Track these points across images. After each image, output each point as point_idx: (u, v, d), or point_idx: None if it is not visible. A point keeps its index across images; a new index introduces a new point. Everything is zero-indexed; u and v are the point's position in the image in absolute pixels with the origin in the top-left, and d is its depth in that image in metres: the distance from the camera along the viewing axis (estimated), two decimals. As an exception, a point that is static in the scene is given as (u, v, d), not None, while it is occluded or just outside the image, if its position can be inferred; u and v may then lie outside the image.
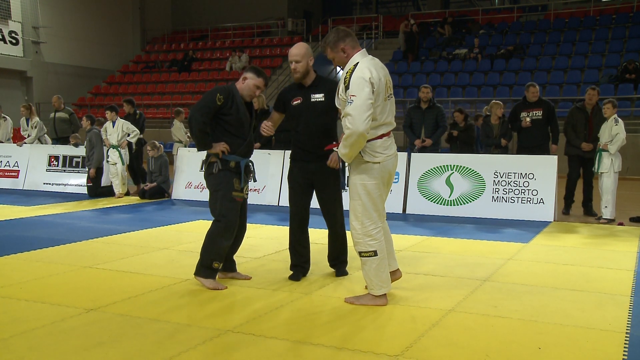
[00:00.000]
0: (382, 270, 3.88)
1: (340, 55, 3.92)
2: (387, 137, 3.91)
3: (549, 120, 8.25)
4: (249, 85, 4.44)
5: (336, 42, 3.90)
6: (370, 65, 3.79)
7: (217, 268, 4.39)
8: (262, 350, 3.16)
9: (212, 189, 4.45)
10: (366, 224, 3.85)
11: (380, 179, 3.88)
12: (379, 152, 3.85)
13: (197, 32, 25.47)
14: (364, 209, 3.86)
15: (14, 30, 20.73)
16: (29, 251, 5.58)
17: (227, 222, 4.36)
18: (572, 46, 17.68)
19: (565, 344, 3.28)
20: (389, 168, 3.92)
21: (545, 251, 5.83)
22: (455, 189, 8.21)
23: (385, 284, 3.91)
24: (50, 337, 3.33)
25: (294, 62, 4.47)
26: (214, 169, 4.40)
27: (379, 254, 3.86)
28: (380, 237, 3.88)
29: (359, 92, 3.68)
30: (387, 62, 19.51)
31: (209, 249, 4.35)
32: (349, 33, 3.92)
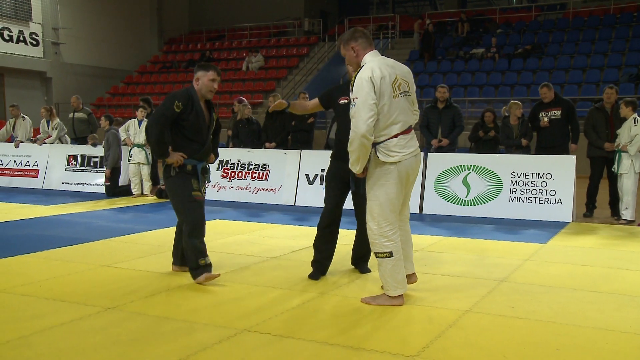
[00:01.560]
0: (398, 271, 3.87)
1: (350, 54, 3.93)
2: (404, 135, 3.84)
3: (568, 119, 8.15)
4: (203, 82, 4.54)
5: (348, 40, 3.93)
6: (376, 64, 3.78)
7: (205, 264, 4.51)
8: (278, 350, 3.16)
9: (171, 191, 4.58)
10: (382, 225, 3.83)
11: (399, 179, 3.84)
12: (396, 151, 3.80)
13: (214, 33, 25.59)
14: (381, 209, 3.84)
15: (34, 31, 21.01)
16: (48, 250, 5.65)
17: (193, 221, 4.49)
18: (592, 45, 17.48)
19: (583, 346, 3.24)
20: (407, 167, 3.86)
21: (563, 252, 5.77)
22: (472, 189, 8.16)
23: (401, 284, 3.90)
24: (69, 335, 3.37)
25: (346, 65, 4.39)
26: (171, 172, 4.52)
27: (395, 255, 3.85)
28: (396, 239, 3.87)
29: (359, 93, 3.70)
30: (404, 61, 19.44)
31: (189, 252, 4.51)
32: (364, 34, 3.93)
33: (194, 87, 4.57)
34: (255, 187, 9.47)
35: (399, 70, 3.89)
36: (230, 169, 9.71)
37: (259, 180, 9.48)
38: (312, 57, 21.58)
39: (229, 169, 9.72)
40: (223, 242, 6.14)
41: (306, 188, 9.10)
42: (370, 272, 4.82)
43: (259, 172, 9.49)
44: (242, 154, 9.67)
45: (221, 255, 5.48)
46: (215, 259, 5.31)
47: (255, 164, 9.53)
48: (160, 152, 4.46)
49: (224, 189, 9.64)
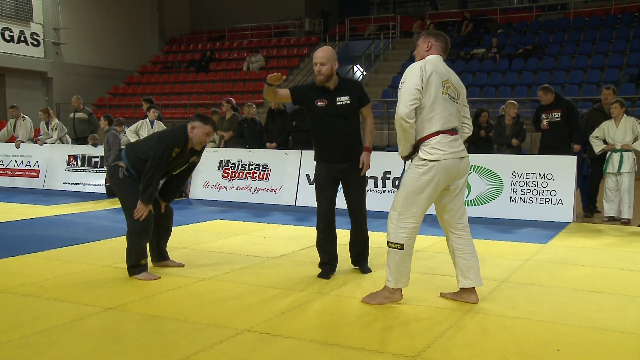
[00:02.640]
0: (404, 265, 3.87)
1: (423, 47, 3.95)
2: (447, 134, 3.78)
3: (569, 120, 8.12)
4: (198, 134, 4.65)
5: (430, 35, 3.96)
6: (433, 61, 3.83)
7: (145, 264, 4.64)
8: (279, 350, 3.17)
9: (120, 191, 4.68)
10: (403, 216, 3.80)
11: (436, 179, 3.75)
12: (437, 148, 3.74)
13: (215, 33, 25.59)
14: (405, 201, 3.80)
15: (35, 32, 21.01)
16: (49, 250, 5.65)
17: (143, 222, 4.56)
18: (592, 45, 17.47)
19: (584, 346, 3.24)
20: (449, 168, 3.77)
21: (564, 252, 5.77)
22: (472, 190, 8.16)
23: (403, 279, 3.90)
24: (69, 335, 3.37)
25: (319, 64, 4.51)
26: (119, 174, 4.63)
27: (405, 249, 3.83)
28: (413, 234, 3.84)
29: (407, 78, 3.76)
30: (405, 61, 19.45)
31: (132, 251, 4.61)
32: (446, 41, 3.98)
33: (187, 132, 4.65)
34: (255, 187, 9.47)
35: (453, 76, 3.93)
36: (231, 169, 9.72)
37: (260, 180, 9.48)
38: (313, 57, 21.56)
39: (230, 169, 9.73)
40: (223, 242, 6.15)
41: (307, 188, 9.10)
42: (370, 272, 4.85)
43: (259, 172, 9.49)
44: (243, 154, 9.67)
45: (221, 255, 5.48)
46: (215, 258, 5.33)
47: (256, 164, 9.53)
48: (150, 197, 4.53)
49: (224, 189, 9.64)
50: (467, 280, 4.00)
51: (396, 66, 19.53)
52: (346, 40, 22.14)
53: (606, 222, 7.57)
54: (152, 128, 9.80)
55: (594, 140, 7.65)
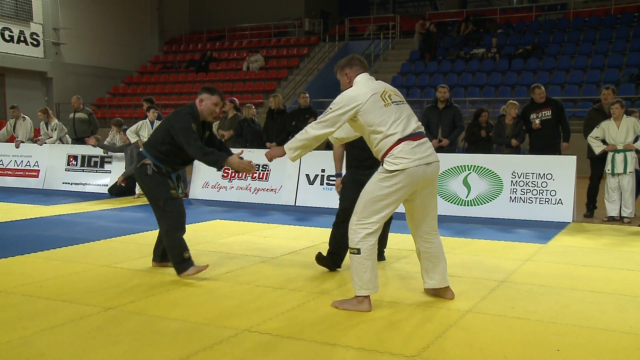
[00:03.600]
0: (364, 271, 3.80)
1: (344, 80, 4.05)
2: (410, 141, 3.76)
3: (558, 119, 8.18)
4: (207, 105, 4.64)
5: (344, 67, 4.05)
6: (364, 83, 3.91)
7: (189, 257, 4.61)
8: (278, 350, 3.17)
9: (149, 189, 4.66)
10: (361, 221, 3.81)
11: (401, 188, 3.75)
12: (401, 157, 3.72)
13: (215, 33, 25.59)
14: (365, 207, 3.81)
15: (35, 32, 21.01)
16: (49, 250, 5.65)
17: (172, 215, 4.57)
18: (592, 45, 17.47)
19: (584, 346, 3.24)
20: (415, 176, 3.74)
21: (564, 252, 5.77)
22: (472, 190, 8.16)
23: (365, 285, 3.82)
24: (69, 335, 3.37)
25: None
26: (148, 171, 4.61)
27: (362, 254, 3.78)
28: (371, 240, 3.79)
29: (336, 105, 3.82)
30: (405, 61, 19.46)
31: (174, 247, 4.58)
32: (360, 61, 4.04)
33: (196, 106, 4.65)
34: (255, 187, 9.47)
35: (386, 85, 3.98)
36: (231, 169, 9.71)
37: (260, 180, 9.48)
38: (313, 57, 21.57)
39: (229, 169, 9.72)
40: (223, 242, 6.14)
41: (306, 188, 9.10)
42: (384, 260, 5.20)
43: (259, 172, 9.49)
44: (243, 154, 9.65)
45: (221, 255, 5.48)
46: (215, 258, 5.33)
47: (256, 164, 9.50)
48: (214, 160, 4.53)
49: (224, 189, 9.64)
50: (433, 281, 4.08)
51: (396, 66, 19.54)
52: (346, 41, 22.14)
53: (606, 222, 7.57)
54: (152, 128, 9.80)
55: (593, 140, 7.65)
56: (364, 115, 3.78)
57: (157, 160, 4.62)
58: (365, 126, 3.81)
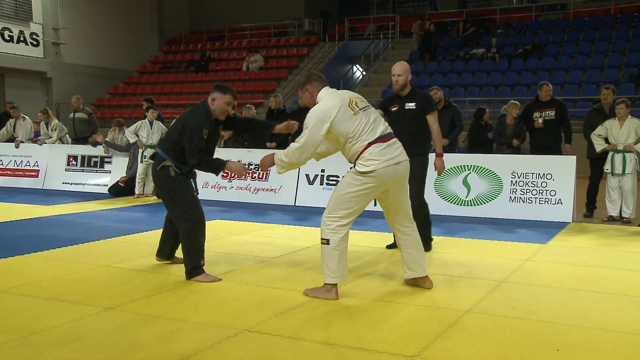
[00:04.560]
0: (332, 260, 4.03)
1: (306, 96, 4.27)
2: (379, 143, 4.03)
3: (561, 120, 8.17)
4: (219, 104, 4.64)
5: (304, 84, 4.28)
6: (329, 97, 4.11)
7: (204, 264, 4.62)
8: (279, 350, 3.17)
9: (173, 191, 4.62)
10: (331, 215, 4.04)
11: (371, 189, 4.02)
12: (371, 159, 3.98)
13: (215, 33, 25.59)
14: (336, 202, 4.05)
15: (35, 32, 21.00)
16: (48, 250, 5.65)
17: (199, 219, 4.59)
18: (592, 45, 17.47)
19: (584, 346, 3.24)
20: (385, 177, 4.01)
21: (563, 252, 5.77)
22: (472, 190, 8.16)
23: (333, 274, 4.05)
24: (69, 335, 3.37)
25: (396, 75, 5.55)
26: (171, 173, 4.59)
27: (331, 244, 4.02)
28: (341, 231, 4.02)
29: (310, 124, 4.03)
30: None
31: (192, 251, 4.56)
32: (318, 77, 4.28)
33: (208, 105, 4.64)
34: (255, 187, 9.47)
35: (350, 93, 4.22)
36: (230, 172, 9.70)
37: (259, 180, 9.48)
38: (313, 57, 21.58)
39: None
40: (223, 242, 6.14)
41: (306, 188, 9.10)
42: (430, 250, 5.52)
43: (259, 172, 9.49)
44: (242, 154, 9.66)
45: (221, 255, 5.48)
46: (215, 258, 5.33)
47: (256, 164, 9.52)
48: (215, 166, 4.63)
49: (224, 189, 9.64)
50: (412, 271, 4.32)
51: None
52: (345, 40, 22.14)
53: (606, 221, 7.57)
54: (152, 128, 9.81)
55: (596, 138, 7.64)
56: (337, 127, 4.01)
57: (177, 161, 4.59)
58: (339, 137, 4.06)
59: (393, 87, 5.64)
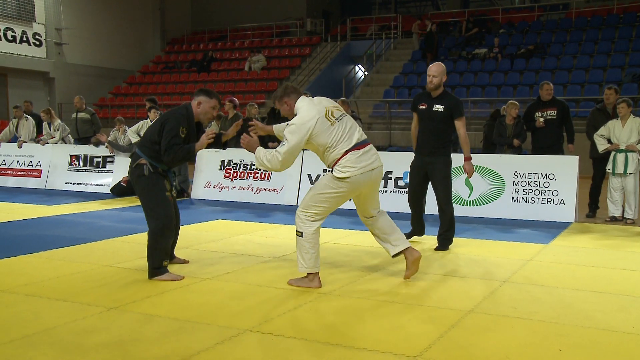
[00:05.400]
0: (306, 252, 4.31)
1: (285, 108, 4.48)
2: (355, 150, 4.28)
3: (563, 120, 8.17)
4: (205, 108, 4.68)
5: (282, 97, 4.47)
6: (307, 108, 4.32)
7: (166, 265, 4.65)
8: (281, 350, 3.17)
9: (144, 190, 4.62)
10: (304, 211, 4.32)
11: (346, 193, 4.31)
12: (348, 166, 4.25)
13: (217, 33, 25.61)
14: (310, 200, 4.33)
15: (37, 32, 21.05)
16: (51, 250, 5.66)
17: (166, 221, 4.57)
18: (595, 45, 17.45)
19: (586, 347, 3.24)
20: (359, 183, 4.29)
21: (566, 252, 5.77)
22: (474, 190, 8.15)
23: (307, 264, 4.32)
24: (71, 335, 3.38)
25: (432, 76, 5.63)
26: (144, 171, 4.57)
27: (305, 237, 4.30)
28: (312, 225, 4.31)
29: (292, 137, 4.24)
30: (406, 61, 19.45)
31: (156, 251, 4.56)
32: (294, 89, 4.51)
33: (191, 108, 4.67)
34: (257, 187, 9.48)
35: (326, 102, 4.44)
36: (233, 169, 9.72)
37: (261, 180, 9.49)
38: (315, 57, 21.58)
39: (231, 169, 9.73)
40: (225, 242, 6.15)
41: (308, 188, 9.08)
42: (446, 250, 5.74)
43: (261, 172, 9.50)
44: (244, 154, 9.67)
45: (223, 255, 5.49)
46: (217, 258, 5.34)
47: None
48: (190, 156, 4.61)
49: (226, 189, 9.65)
50: (398, 246, 4.58)
51: (398, 66, 19.53)
52: (348, 40, 22.14)
53: (608, 222, 7.56)
54: None
55: (599, 138, 7.62)
56: (315, 138, 4.26)
57: (153, 160, 4.58)
58: (317, 145, 4.30)
59: (427, 86, 5.74)
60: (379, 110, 17.52)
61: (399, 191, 8.53)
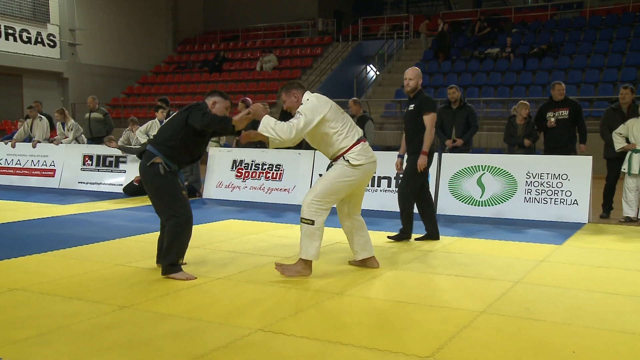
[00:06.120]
0: (315, 239, 4.50)
1: (292, 99, 4.66)
2: (363, 143, 4.63)
3: (575, 119, 8.11)
4: (220, 109, 4.70)
5: (290, 89, 4.69)
6: (316, 96, 4.60)
7: (182, 263, 4.68)
8: (292, 350, 3.17)
9: (161, 189, 4.60)
10: (317, 200, 4.50)
11: (356, 180, 4.58)
12: (362, 154, 4.57)
13: (229, 33, 25.69)
14: (324, 189, 4.52)
15: (52, 33, 21.25)
16: (65, 249, 5.71)
17: (187, 218, 4.59)
18: (609, 44, 17.29)
19: (600, 349, 3.21)
20: (367, 171, 4.62)
21: (579, 253, 5.72)
22: (486, 190, 8.12)
23: (313, 251, 4.52)
24: (85, 333, 3.40)
25: (407, 79, 5.96)
26: (160, 170, 4.55)
27: (315, 225, 4.49)
28: (323, 215, 4.52)
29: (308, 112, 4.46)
30: (418, 61, 19.39)
31: (175, 249, 4.57)
32: (301, 85, 4.75)
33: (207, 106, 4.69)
34: (269, 187, 9.49)
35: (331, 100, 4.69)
36: (244, 169, 9.75)
37: (273, 180, 9.50)
38: (326, 57, 21.58)
39: (243, 169, 9.76)
40: (237, 242, 6.17)
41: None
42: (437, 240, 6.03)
43: (272, 172, 9.51)
44: (256, 154, 9.70)
45: (235, 255, 5.50)
46: (229, 258, 5.35)
47: (269, 164, 9.55)
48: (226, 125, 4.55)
49: (237, 189, 9.67)
50: (365, 252, 4.89)
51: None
52: (359, 40, 22.12)
53: (623, 223, 7.49)
54: None
55: (617, 136, 7.54)
56: (328, 123, 4.51)
57: (167, 158, 4.57)
58: (329, 130, 4.52)
59: (404, 89, 6.10)
60: (390, 110, 17.49)
61: (411, 191, 8.50)
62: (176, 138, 4.57)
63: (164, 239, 4.64)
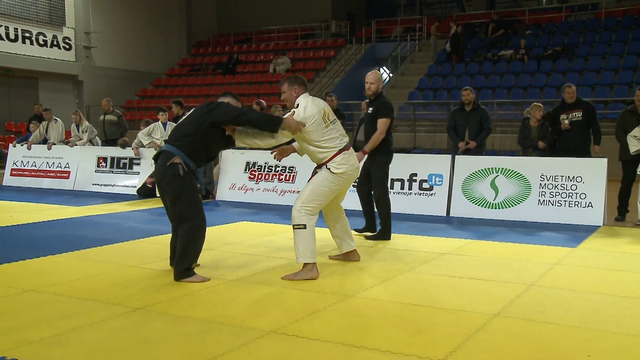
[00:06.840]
0: (310, 242, 4.67)
1: (291, 93, 4.85)
2: (345, 152, 4.83)
3: (589, 121, 8.04)
4: None
5: (293, 83, 4.87)
6: (309, 104, 4.74)
7: (195, 267, 4.70)
8: (306, 352, 3.17)
9: (180, 191, 4.53)
10: (305, 206, 4.68)
11: (337, 187, 4.82)
12: (343, 163, 4.79)
13: (242, 35, 25.77)
14: (310, 195, 4.72)
15: (67, 36, 21.47)
16: (79, 250, 5.75)
17: (202, 221, 4.61)
18: (625, 45, 17.13)
19: (616, 352, 3.18)
20: (348, 178, 4.87)
21: (594, 256, 5.67)
22: (500, 192, 8.07)
23: (311, 254, 4.66)
24: (99, 334, 3.43)
25: (369, 83, 6.18)
26: (180, 171, 4.49)
27: (307, 229, 4.67)
28: (313, 218, 4.72)
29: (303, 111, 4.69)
30: (431, 63, 19.33)
31: (190, 253, 4.57)
32: (304, 82, 4.93)
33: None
34: (282, 189, 9.51)
35: (322, 104, 4.87)
36: (257, 171, 9.77)
37: (286, 182, 9.51)
38: (339, 59, 21.58)
39: (256, 171, 9.78)
40: (250, 244, 6.18)
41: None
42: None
43: (285, 174, 9.53)
44: (269, 156, 9.66)
45: (248, 257, 5.52)
46: (242, 260, 5.36)
47: (282, 166, 9.56)
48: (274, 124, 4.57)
49: (250, 191, 9.70)
50: (352, 243, 5.25)
51: (423, 68, 19.42)
52: (372, 42, 22.10)
53: (638, 225, 7.41)
54: (165, 130, 9.92)
55: (632, 139, 7.47)
56: (309, 133, 4.70)
57: (186, 155, 4.52)
58: (309, 140, 4.74)
59: (365, 92, 6.36)
60: (403, 112, 17.45)
61: (424, 193, 8.48)
62: (198, 132, 4.52)
63: (178, 243, 4.63)
